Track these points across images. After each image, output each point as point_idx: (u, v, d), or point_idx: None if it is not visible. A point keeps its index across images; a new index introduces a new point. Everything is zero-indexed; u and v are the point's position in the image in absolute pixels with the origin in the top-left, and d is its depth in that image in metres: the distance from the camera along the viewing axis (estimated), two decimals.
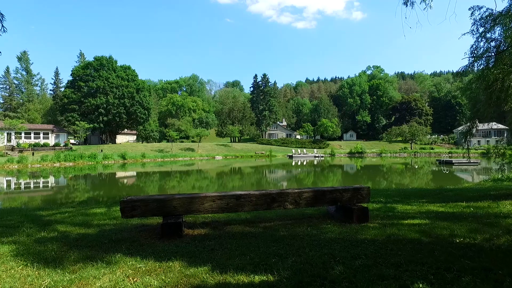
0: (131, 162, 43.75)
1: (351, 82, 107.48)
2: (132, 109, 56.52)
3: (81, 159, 37.27)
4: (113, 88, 54.66)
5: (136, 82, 58.71)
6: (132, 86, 57.30)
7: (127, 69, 60.17)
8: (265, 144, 79.91)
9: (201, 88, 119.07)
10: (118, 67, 59.45)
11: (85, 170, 34.08)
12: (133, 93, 56.38)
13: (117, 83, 55.44)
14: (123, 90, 55.31)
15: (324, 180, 25.62)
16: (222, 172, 34.00)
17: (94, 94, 54.47)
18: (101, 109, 53.58)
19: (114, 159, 41.83)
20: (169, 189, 21.03)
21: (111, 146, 52.48)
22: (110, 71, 57.14)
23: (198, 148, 60.23)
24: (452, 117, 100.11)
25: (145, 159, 46.41)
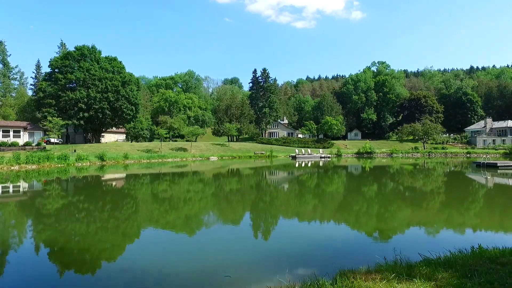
0: (111, 164, 37.97)
1: (355, 78, 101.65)
2: (117, 104, 50.65)
3: (48, 160, 31.47)
4: (95, 81, 48.79)
5: (122, 74, 52.87)
6: (117, 79, 51.44)
7: (112, 61, 54.30)
8: (265, 143, 74.10)
9: (197, 85, 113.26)
10: (103, 58, 53.58)
11: (53, 173, 28.33)
12: (118, 87, 50.51)
13: (100, 75, 49.58)
14: (107, 83, 49.45)
15: (357, 197, 19.78)
16: (212, 177, 28.28)
17: (73, 87, 48.65)
18: (81, 104, 47.73)
19: (90, 160, 36.05)
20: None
21: (92, 146, 46.67)
22: (93, 62, 51.28)
23: (191, 148, 54.43)
24: (463, 115, 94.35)
25: (127, 160, 40.63)
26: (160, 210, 13.42)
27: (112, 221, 11.26)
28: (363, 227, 10.79)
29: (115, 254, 8.01)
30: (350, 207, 14.61)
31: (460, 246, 6.86)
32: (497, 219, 12.05)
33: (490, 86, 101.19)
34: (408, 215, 12.87)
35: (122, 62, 55.66)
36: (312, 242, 8.59)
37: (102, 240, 9.09)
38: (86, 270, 6.94)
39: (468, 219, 12.23)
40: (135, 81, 54.60)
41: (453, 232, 10.24)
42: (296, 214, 13.11)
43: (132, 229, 10.37)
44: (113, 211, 13.15)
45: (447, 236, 9.73)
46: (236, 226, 10.96)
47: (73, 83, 49.06)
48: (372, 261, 6.01)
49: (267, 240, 9.18)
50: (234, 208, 14.62)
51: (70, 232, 9.87)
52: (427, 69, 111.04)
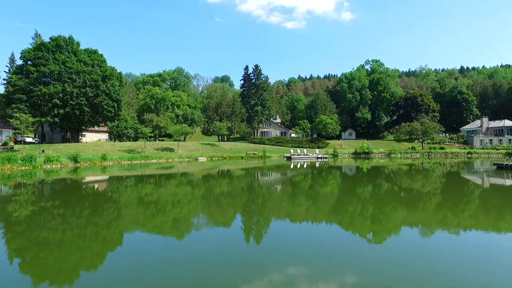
0: (86, 166, 33.93)
1: (349, 76, 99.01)
2: (97, 100, 46.47)
3: (10, 163, 27.34)
4: (72, 75, 44.52)
5: (103, 68, 48.69)
6: (97, 73, 47.28)
7: (92, 53, 50.06)
8: (257, 143, 70.60)
9: (186, 82, 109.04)
10: (81, 51, 49.28)
11: (16, 177, 24.34)
12: (97, 81, 46.32)
13: (77, 68, 45.33)
14: (85, 77, 45.23)
15: (374, 209, 16.33)
16: (201, 179, 24.63)
17: (47, 82, 44.32)
18: (56, 99, 43.42)
19: (60, 162, 31.94)
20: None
21: (68, 146, 42.44)
22: (70, 54, 46.96)
23: (178, 148, 50.56)
24: (458, 114, 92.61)
25: (105, 161, 36.61)
26: (145, 214, 12.20)
27: (91, 227, 10.16)
28: (380, 238, 8.93)
29: (95, 263, 7.30)
30: (364, 216, 11.30)
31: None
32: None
33: (485, 85, 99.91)
34: (463, 241, 9.55)
35: (103, 55, 51.49)
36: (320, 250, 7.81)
37: (80, 248, 8.23)
38: (62, 282, 6.40)
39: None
40: (117, 76, 50.41)
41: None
42: (302, 226, 10.66)
43: (113, 235, 9.48)
44: (92, 216, 11.76)
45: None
46: (236, 240, 9.11)
47: (47, 77, 44.69)
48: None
49: (262, 245, 8.38)
50: (229, 221, 11.77)
51: (44, 240, 8.98)
52: (421, 68, 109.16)
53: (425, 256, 7.34)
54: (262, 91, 78.40)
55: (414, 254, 7.52)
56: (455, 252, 7.68)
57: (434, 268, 6.33)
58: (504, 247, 8.35)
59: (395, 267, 6.56)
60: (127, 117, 63.41)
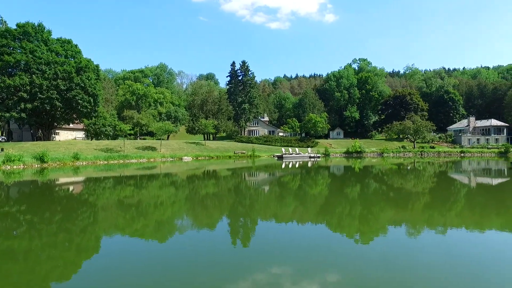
0: (55, 166, 29.97)
1: (338, 74, 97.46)
2: (70, 94, 42.21)
3: None
4: (41, 65, 40.13)
5: (77, 59, 44.44)
6: (71, 64, 43.03)
7: (65, 43, 45.67)
8: (244, 142, 67.58)
9: (170, 79, 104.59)
10: (53, 40, 44.83)
11: None
12: (71, 73, 42.08)
13: (47, 58, 40.96)
14: (57, 69, 40.92)
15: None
16: (186, 181, 21.37)
17: (12, 72, 39.78)
18: (23, 92, 38.95)
19: (24, 162, 27.90)
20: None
21: (36, 145, 38.10)
22: (39, 43, 42.48)
23: (161, 147, 46.87)
24: (445, 114, 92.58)
25: (78, 161, 32.68)
26: (125, 218, 10.97)
27: (63, 234, 9.02)
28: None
29: (68, 273, 6.34)
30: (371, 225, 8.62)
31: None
32: None
33: (470, 85, 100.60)
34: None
35: (78, 46, 47.16)
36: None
37: (51, 258, 7.14)
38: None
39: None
40: (93, 68, 46.21)
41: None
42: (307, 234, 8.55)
43: (89, 242, 8.46)
44: (64, 222, 10.44)
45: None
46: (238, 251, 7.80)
47: (13, 67, 40.14)
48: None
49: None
50: (216, 222, 10.23)
51: (7, 250, 7.68)
52: (408, 67, 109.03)
53: (410, 255, 7.06)
54: (249, 88, 75.45)
55: (401, 252, 7.29)
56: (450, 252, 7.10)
57: (418, 267, 6.21)
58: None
59: (381, 267, 6.29)
60: (105, 114, 59.00)
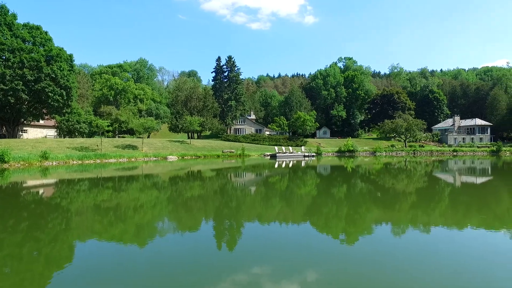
0: (18, 166, 25.69)
1: (324, 72, 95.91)
2: (39, 86, 37.52)
3: None
4: (3, 52, 35.31)
5: (47, 47, 39.77)
6: (40, 52, 38.36)
7: (33, 29, 40.85)
8: (231, 141, 64.38)
9: (150, 75, 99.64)
10: (18, 25, 39.90)
11: None
12: (40, 62, 37.43)
13: (11, 45, 36.15)
14: (23, 57, 36.18)
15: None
16: (176, 184, 17.99)
17: None
18: None
19: None
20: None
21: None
22: (2, 27, 37.50)
23: (143, 146, 42.89)
24: (430, 113, 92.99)
25: (47, 161, 28.44)
26: (102, 223, 9.66)
27: (30, 244, 7.58)
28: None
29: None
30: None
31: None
32: None
33: (453, 85, 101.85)
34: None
35: (49, 33, 42.39)
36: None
37: (16, 272, 6.15)
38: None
39: None
40: (66, 58, 41.59)
41: None
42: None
43: (61, 251, 7.26)
44: (31, 231, 8.68)
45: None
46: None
47: None
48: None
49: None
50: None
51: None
52: (393, 67, 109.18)
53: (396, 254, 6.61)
54: (236, 84, 72.27)
55: (385, 251, 6.87)
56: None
57: (401, 265, 6.02)
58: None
59: (364, 265, 5.99)
60: (80, 110, 54.12)
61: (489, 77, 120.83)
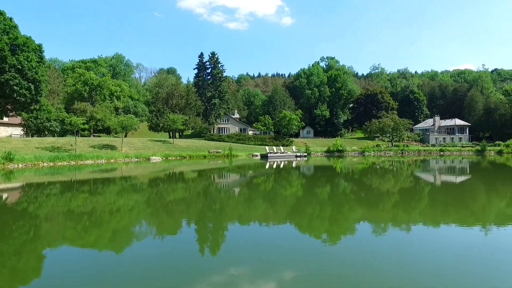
0: None
1: (308, 71, 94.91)
2: (2, 78, 33.29)
3: None
4: None
5: (12, 35, 35.46)
6: (3, 40, 34.08)
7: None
8: (216, 140, 61.59)
9: (127, 72, 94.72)
10: None
11: None
12: (3, 52, 33.20)
13: None
14: None
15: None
16: (161, 188, 15.31)
17: None
18: None
19: None
20: None
21: None
22: None
23: (122, 146, 39.38)
24: (411, 113, 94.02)
25: (11, 163, 24.72)
26: (76, 229, 8.83)
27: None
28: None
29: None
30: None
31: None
32: None
33: (432, 86, 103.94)
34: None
35: (14, 20, 37.94)
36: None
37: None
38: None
39: None
40: (34, 48, 37.40)
41: None
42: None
43: (28, 263, 6.52)
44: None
45: None
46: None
47: None
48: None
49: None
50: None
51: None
52: (374, 67, 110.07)
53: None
54: (219, 82, 69.45)
55: (365, 249, 6.89)
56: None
57: (379, 263, 5.97)
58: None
59: (344, 264, 6.05)
60: (50, 107, 49.45)
61: (462, 79, 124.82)
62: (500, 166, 32.09)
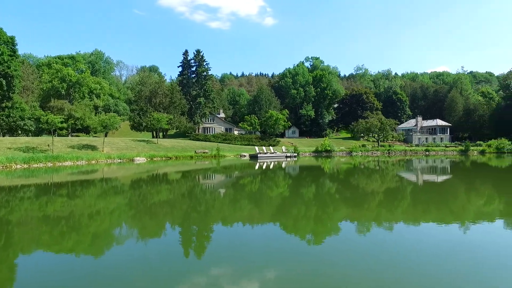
0: None
1: (293, 71, 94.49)
2: None
3: None
4: None
5: None
6: None
7: None
8: (201, 140, 59.98)
9: (107, 69, 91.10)
10: None
11: None
12: None
13: None
14: None
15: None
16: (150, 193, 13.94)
17: None
18: None
19: None
20: None
21: None
22: None
23: (104, 146, 37.21)
24: (394, 113, 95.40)
25: None
26: (52, 235, 8.32)
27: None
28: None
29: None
30: None
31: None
32: None
33: (414, 87, 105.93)
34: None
35: None
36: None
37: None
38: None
39: None
40: (6, 40, 34.73)
41: None
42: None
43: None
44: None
45: None
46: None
47: None
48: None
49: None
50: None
51: None
52: (358, 67, 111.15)
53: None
54: (205, 80, 67.76)
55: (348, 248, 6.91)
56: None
57: (361, 265, 5.85)
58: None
59: (327, 263, 6.03)
60: (24, 105, 46.36)
61: (441, 81, 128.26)
62: (483, 166, 32.40)
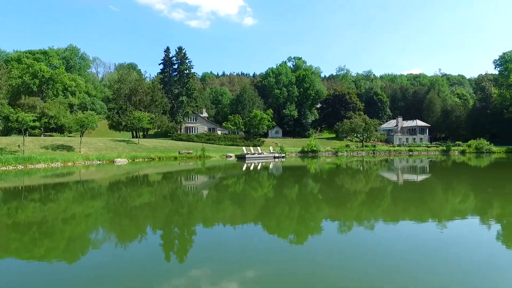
0: None
1: (276, 71, 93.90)
2: None
3: None
4: None
5: None
6: None
7: None
8: (184, 140, 58.06)
9: (83, 65, 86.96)
10: None
11: None
12: None
13: None
14: None
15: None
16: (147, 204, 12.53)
17: None
18: None
19: None
20: None
21: None
22: None
23: (81, 146, 34.78)
24: (375, 114, 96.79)
25: None
26: (22, 242, 7.84)
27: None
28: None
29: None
30: None
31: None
32: None
33: (394, 88, 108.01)
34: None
35: None
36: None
37: None
38: None
39: None
40: None
41: None
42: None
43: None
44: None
45: None
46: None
47: None
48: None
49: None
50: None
51: None
52: (340, 68, 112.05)
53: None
54: (187, 78, 65.71)
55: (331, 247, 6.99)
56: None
57: (343, 264, 5.95)
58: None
59: (309, 262, 6.02)
60: None
61: (418, 83, 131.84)
62: (464, 165, 32.75)
